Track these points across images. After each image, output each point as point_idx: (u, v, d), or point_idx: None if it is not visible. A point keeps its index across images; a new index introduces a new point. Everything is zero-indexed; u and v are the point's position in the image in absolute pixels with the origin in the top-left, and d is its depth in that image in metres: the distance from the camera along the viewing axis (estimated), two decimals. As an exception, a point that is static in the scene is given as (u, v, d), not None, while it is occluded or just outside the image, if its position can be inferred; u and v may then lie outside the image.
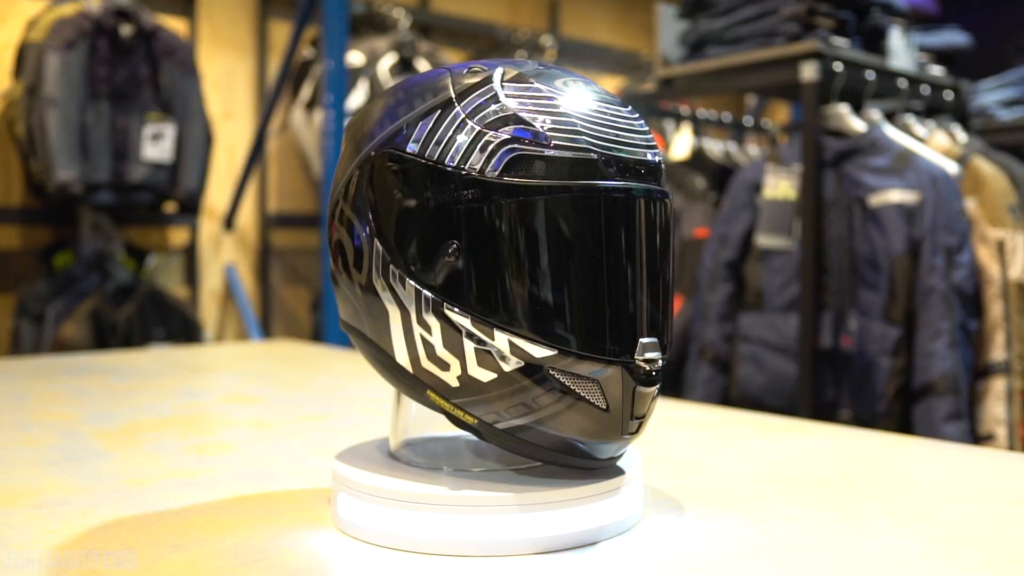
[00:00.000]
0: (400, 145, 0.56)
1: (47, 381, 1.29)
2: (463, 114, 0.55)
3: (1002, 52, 3.72)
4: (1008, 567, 0.54)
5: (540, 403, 0.55)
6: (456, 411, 0.57)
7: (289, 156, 3.46)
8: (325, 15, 2.53)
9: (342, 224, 0.60)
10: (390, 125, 0.58)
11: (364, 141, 0.59)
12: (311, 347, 1.79)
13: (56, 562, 0.55)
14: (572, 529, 0.57)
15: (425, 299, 0.55)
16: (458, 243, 0.54)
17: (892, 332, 1.91)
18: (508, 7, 4.11)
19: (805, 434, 0.95)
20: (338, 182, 0.61)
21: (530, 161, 0.53)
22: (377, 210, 0.57)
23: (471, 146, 0.54)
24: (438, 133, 0.55)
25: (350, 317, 0.62)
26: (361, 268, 0.58)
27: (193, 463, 0.80)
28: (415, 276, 0.56)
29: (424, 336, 0.56)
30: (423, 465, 0.62)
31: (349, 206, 0.59)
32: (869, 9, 2.21)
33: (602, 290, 0.54)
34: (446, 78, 0.58)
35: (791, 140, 2.18)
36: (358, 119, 0.62)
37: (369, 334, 0.60)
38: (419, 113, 0.57)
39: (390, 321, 0.57)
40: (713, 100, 4.15)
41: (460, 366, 0.56)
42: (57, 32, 2.58)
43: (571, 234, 0.54)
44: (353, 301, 0.60)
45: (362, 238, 0.58)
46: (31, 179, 2.73)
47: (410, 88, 0.60)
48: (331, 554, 0.56)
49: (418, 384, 0.58)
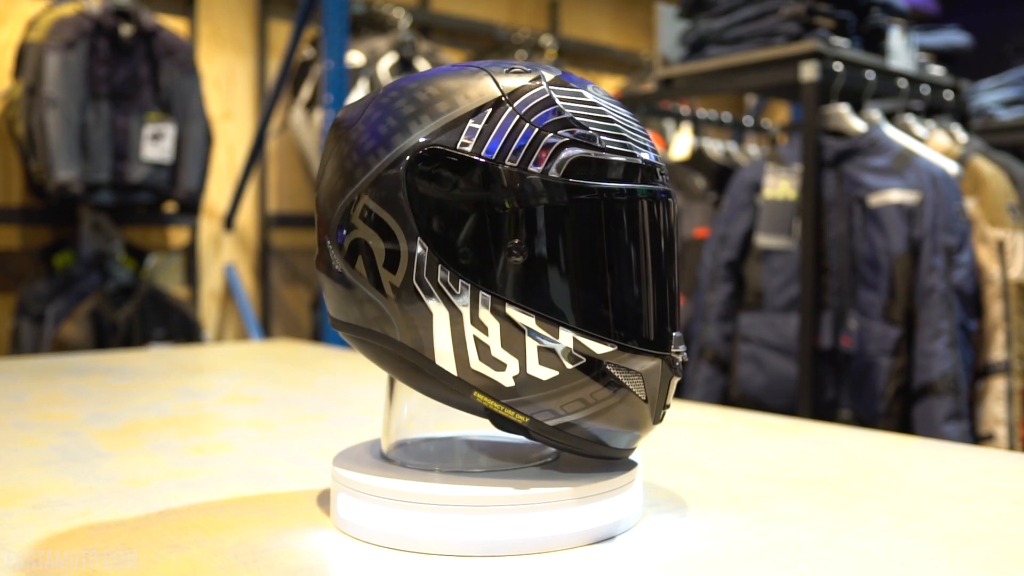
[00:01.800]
0: (448, 143, 0.55)
1: (47, 381, 1.29)
2: (518, 114, 0.55)
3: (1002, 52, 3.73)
4: (1008, 567, 0.54)
5: (596, 398, 0.57)
6: (506, 411, 0.57)
7: (289, 156, 3.46)
8: (325, 15, 2.53)
9: (366, 222, 0.57)
10: (430, 122, 0.56)
11: (393, 137, 0.56)
12: (311, 347, 1.79)
13: (56, 562, 0.55)
14: (572, 529, 0.57)
15: (483, 299, 0.54)
16: (519, 242, 0.54)
17: (892, 332, 1.91)
18: (508, 7, 4.11)
19: (805, 434, 0.95)
20: (352, 178, 0.58)
21: (588, 163, 0.55)
22: (422, 209, 0.55)
23: (532, 146, 0.55)
24: (493, 132, 0.55)
25: (360, 319, 0.59)
26: (396, 269, 0.56)
27: (193, 463, 0.80)
28: (471, 276, 0.54)
29: (478, 337, 0.55)
30: (416, 466, 0.62)
31: (378, 204, 0.56)
32: (869, 9, 2.21)
33: (648, 287, 0.58)
34: (485, 76, 0.57)
35: (791, 140, 2.19)
36: (378, 114, 0.58)
37: (399, 337, 0.57)
38: (465, 111, 0.56)
39: (434, 323, 0.55)
40: (713, 100, 4.15)
41: (519, 365, 0.55)
42: (57, 32, 2.58)
43: (625, 234, 0.57)
44: (378, 303, 0.57)
45: (399, 237, 0.56)
46: (31, 179, 2.73)
47: (441, 85, 0.58)
48: (331, 554, 0.56)
49: (462, 387, 0.57)
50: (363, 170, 0.57)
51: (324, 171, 0.61)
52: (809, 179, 1.99)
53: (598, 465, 0.62)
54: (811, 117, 1.99)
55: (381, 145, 0.57)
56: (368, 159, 0.57)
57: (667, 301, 0.59)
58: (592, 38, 4.41)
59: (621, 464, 0.63)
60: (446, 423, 0.66)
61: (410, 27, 3.48)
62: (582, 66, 4.30)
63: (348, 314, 0.60)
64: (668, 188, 0.60)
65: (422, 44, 3.33)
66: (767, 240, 2.10)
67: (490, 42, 3.93)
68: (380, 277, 0.57)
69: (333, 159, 0.60)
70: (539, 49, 4.00)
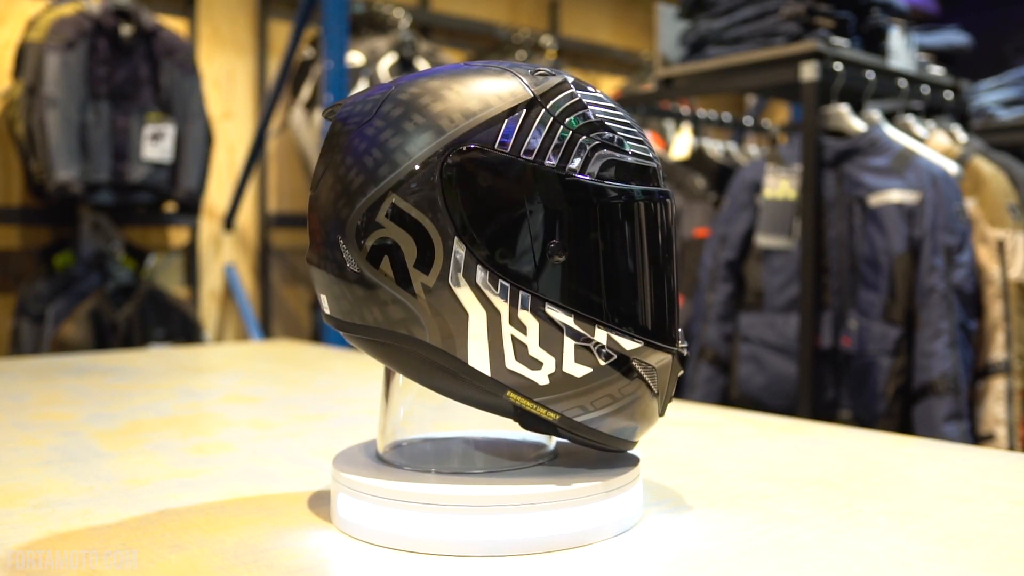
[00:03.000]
0: (485, 142, 0.55)
1: (47, 381, 1.29)
2: (552, 116, 0.56)
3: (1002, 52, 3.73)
4: (1008, 567, 0.54)
5: (623, 393, 0.58)
6: (538, 409, 0.58)
7: (289, 156, 3.46)
8: (325, 15, 2.53)
9: (395, 222, 0.55)
10: (464, 121, 0.55)
11: (423, 134, 0.55)
12: (311, 347, 1.79)
13: (56, 562, 0.55)
14: (572, 529, 0.57)
15: (523, 299, 0.55)
16: (560, 242, 0.55)
17: (892, 332, 1.91)
18: (508, 7, 4.11)
19: (805, 434, 0.95)
20: (374, 176, 0.56)
21: (616, 166, 0.57)
22: (458, 208, 0.54)
23: (568, 148, 0.56)
24: (531, 133, 0.55)
25: (382, 321, 0.57)
26: (429, 269, 0.55)
27: (193, 463, 0.80)
28: (510, 275, 0.55)
29: (516, 336, 0.55)
30: (414, 467, 0.62)
31: (409, 203, 0.55)
32: (869, 9, 2.21)
33: (664, 285, 0.60)
34: (513, 77, 0.57)
35: (791, 140, 2.19)
36: (400, 111, 0.57)
37: (428, 338, 0.56)
38: (500, 110, 0.55)
39: (469, 324, 0.55)
40: (713, 100, 4.15)
41: (555, 364, 0.56)
42: (57, 32, 2.58)
43: (646, 234, 0.59)
44: (406, 304, 0.56)
45: (433, 237, 0.55)
46: (31, 179, 2.73)
47: (468, 83, 0.57)
48: (331, 554, 0.56)
49: (495, 387, 0.57)
50: (389, 168, 0.56)
51: (332, 168, 0.59)
52: (809, 179, 1.99)
53: (598, 465, 0.62)
54: (811, 117, 1.99)
55: (409, 142, 0.56)
56: (394, 156, 0.56)
57: (674, 297, 0.62)
58: (592, 38, 4.41)
59: (621, 464, 0.63)
60: (443, 423, 0.66)
61: (410, 27, 3.48)
62: (582, 66, 4.30)
63: (365, 316, 0.58)
64: (666, 188, 0.62)
65: (422, 44, 3.33)
66: (767, 240, 2.10)
67: (490, 42, 3.93)
68: (410, 277, 0.55)
69: (345, 156, 0.58)
70: (539, 49, 4.00)
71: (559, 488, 0.57)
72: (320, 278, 0.60)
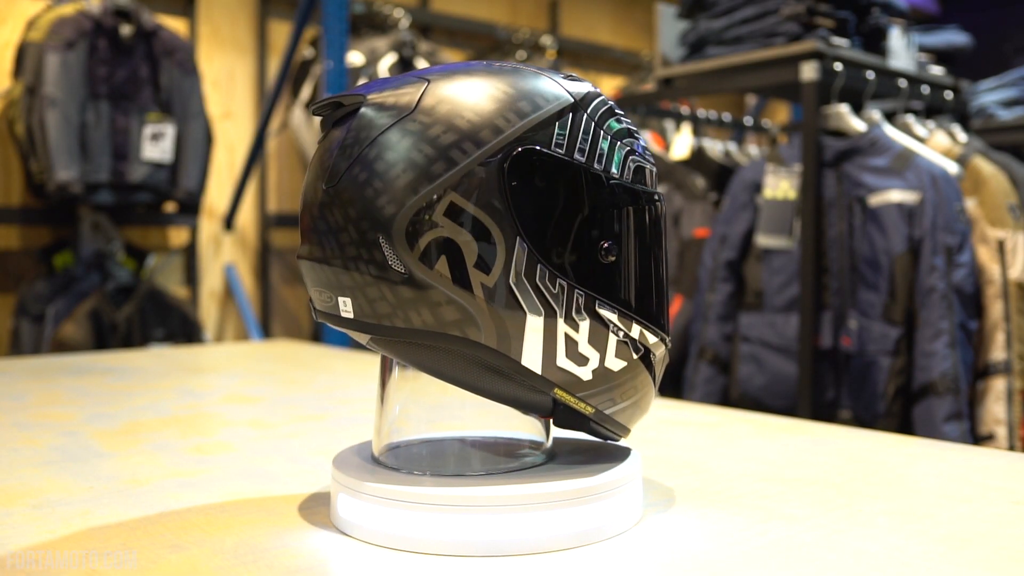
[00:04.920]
0: (542, 143, 0.56)
1: (47, 381, 1.29)
2: (593, 121, 0.58)
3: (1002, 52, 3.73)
4: (1008, 567, 0.54)
5: (643, 384, 0.62)
6: (579, 404, 0.60)
7: (289, 156, 3.46)
8: (325, 15, 2.54)
9: (455, 221, 0.54)
10: (518, 121, 0.55)
11: (480, 132, 0.55)
12: (311, 347, 1.79)
13: (56, 562, 0.55)
14: (572, 529, 0.57)
15: (577, 297, 0.56)
16: (611, 243, 0.58)
17: (892, 332, 1.91)
18: (508, 7, 4.11)
19: (805, 434, 0.95)
20: (429, 173, 0.54)
21: (641, 171, 0.61)
22: (520, 208, 0.55)
23: (610, 153, 0.59)
24: (579, 137, 0.57)
25: (433, 323, 0.56)
26: (490, 269, 0.55)
27: (193, 463, 0.80)
28: (566, 274, 0.56)
29: (569, 334, 0.57)
30: (412, 468, 0.61)
31: (471, 201, 0.54)
32: (869, 9, 2.21)
33: (664, 281, 0.64)
34: (549, 80, 0.58)
35: (791, 140, 2.19)
36: (447, 107, 0.56)
37: (483, 339, 0.56)
38: (549, 113, 0.56)
39: (527, 323, 0.55)
40: (713, 100, 4.16)
41: (599, 359, 0.58)
42: (57, 32, 2.58)
43: (662, 234, 0.63)
44: (463, 305, 0.55)
45: (495, 237, 0.55)
46: (31, 179, 2.73)
47: (511, 83, 0.57)
48: (331, 554, 0.56)
49: (544, 384, 0.58)
50: (445, 165, 0.54)
51: (362, 163, 0.56)
52: (809, 179, 1.99)
53: (597, 465, 0.62)
54: (811, 117, 1.99)
55: (467, 139, 0.55)
56: (451, 154, 0.54)
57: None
58: (592, 38, 4.41)
59: (621, 464, 0.63)
60: (439, 423, 0.66)
61: (410, 27, 3.48)
62: (582, 66, 4.30)
63: (411, 319, 0.56)
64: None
65: (422, 44, 3.33)
66: (767, 240, 2.10)
67: (490, 42, 3.93)
68: (469, 278, 0.55)
69: (382, 151, 0.55)
70: (539, 49, 4.00)
71: (559, 488, 0.57)
72: (342, 280, 0.57)
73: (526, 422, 0.64)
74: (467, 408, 0.63)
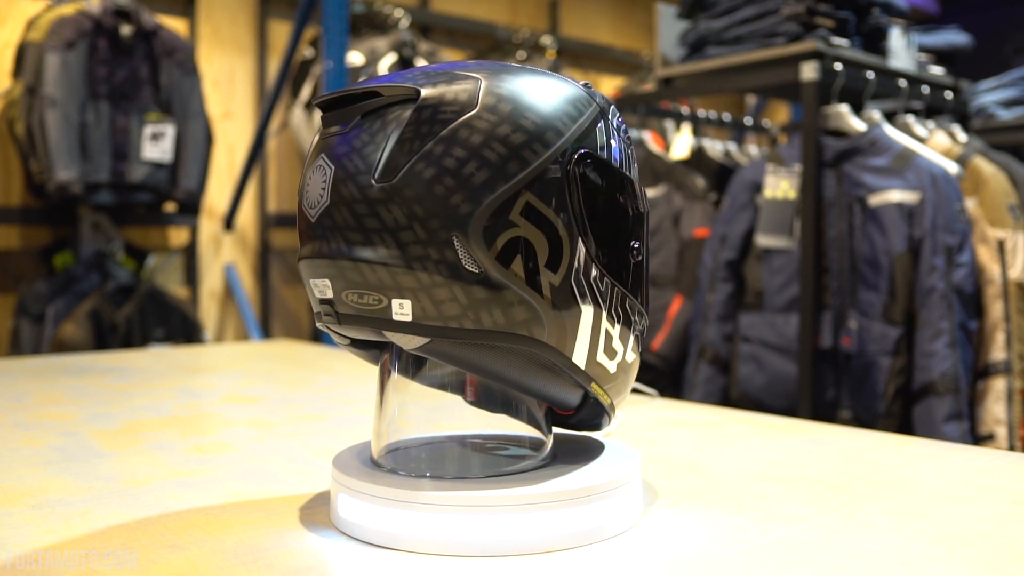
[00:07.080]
0: (593, 146, 0.58)
1: (47, 381, 1.29)
2: (616, 128, 0.61)
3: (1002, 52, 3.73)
4: (1008, 567, 0.54)
5: (635, 373, 0.67)
6: (604, 396, 0.62)
7: (289, 156, 3.46)
8: (325, 15, 2.53)
9: (530, 220, 0.54)
10: (572, 124, 0.57)
11: (546, 134, 0.55)
12: (311, 347, 1.79)
13: (56, 562, 0.55)
14: (572, 529, 0.57)
15: (617, 294, 0.60)
16: (640, 244, 0.63)
17: (892, 332, 1.91)
18: (508, 7, 4.11)
19: (805, 434, 0.95)
20: (504, 171, 0.53)
21: (642, 176, 0.65)
22: (580, 208, 0.56)
23: (630, 158, 0.63)
24: (613, 143, 0.60)
25: (503, 323, 0.55)
26: (557, 268, 0.56)
27: (193, 463, 0.80)
28: (612, 273, 0.60)
29: (608, 330, 0.60)
30: (411, 470, 0.61)
31: (543, 201, 0.55)
32: (869, 9, 2.21)
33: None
34: (572, 86, 0.60)
35: (791, 140, 2.19)
36: (508, 106, 0.55)
37: (545, 337, 0.56)
38: (590, 118, 0.59)
39: (580, 320, 0.57)
40: (713, 100, 4.16)
41: (623, 353, 0.62)
42: (57, 32, 2.58)
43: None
44: (532, 304, 0.55)
45: (563, 237, 0.56)
46: (31, 179, 2.73)
47: (550, 85, 0.58)
48: (331, 554, 0.56)
49: (585, 379, 0.60)
50: (519, 164, 0.54)
51: (428, 159, 0.53)
52: (809, 179, 1.99)
53: (597, 465, 0.62)
54: (811, 117, 1.99)
55: (535, 140, 0.55)
56: (523, 153, 0.54)
57: None
58: (592, 38, 4.41)
59: (621, 464, 0.63)
60: (438, 423, 0.66)
61: (410, 27, 3.48)
62: (582, 66, 4.30)
63: (481, 319, 0.54)
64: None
65: (422, 44, 3.33)
66: (767, 240, 2.10)
67: (490, 42, 3.93)
68: (540, 277, 0.55)
69: (450, 146, 0.53)
70: (539, 49, 4.00)
71: (559, 488, 0.57)
72: (401, 281, 0.54)
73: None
74: (467, 408, 0.63)
